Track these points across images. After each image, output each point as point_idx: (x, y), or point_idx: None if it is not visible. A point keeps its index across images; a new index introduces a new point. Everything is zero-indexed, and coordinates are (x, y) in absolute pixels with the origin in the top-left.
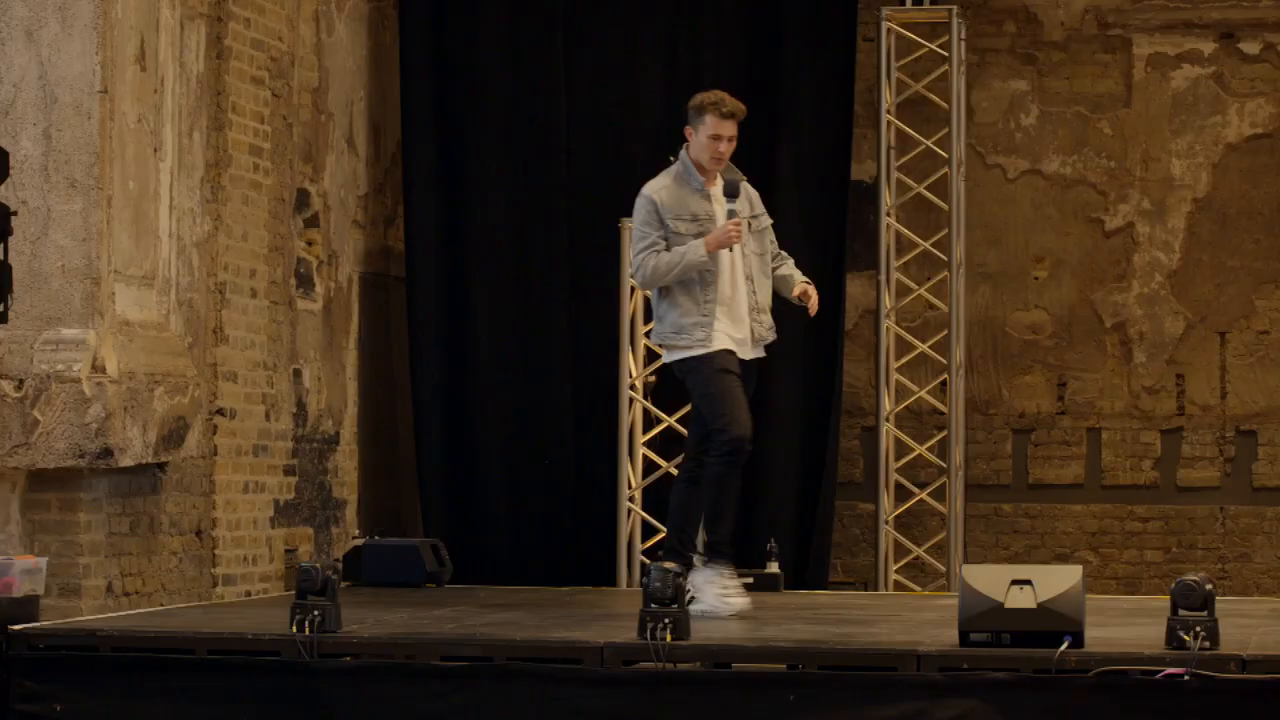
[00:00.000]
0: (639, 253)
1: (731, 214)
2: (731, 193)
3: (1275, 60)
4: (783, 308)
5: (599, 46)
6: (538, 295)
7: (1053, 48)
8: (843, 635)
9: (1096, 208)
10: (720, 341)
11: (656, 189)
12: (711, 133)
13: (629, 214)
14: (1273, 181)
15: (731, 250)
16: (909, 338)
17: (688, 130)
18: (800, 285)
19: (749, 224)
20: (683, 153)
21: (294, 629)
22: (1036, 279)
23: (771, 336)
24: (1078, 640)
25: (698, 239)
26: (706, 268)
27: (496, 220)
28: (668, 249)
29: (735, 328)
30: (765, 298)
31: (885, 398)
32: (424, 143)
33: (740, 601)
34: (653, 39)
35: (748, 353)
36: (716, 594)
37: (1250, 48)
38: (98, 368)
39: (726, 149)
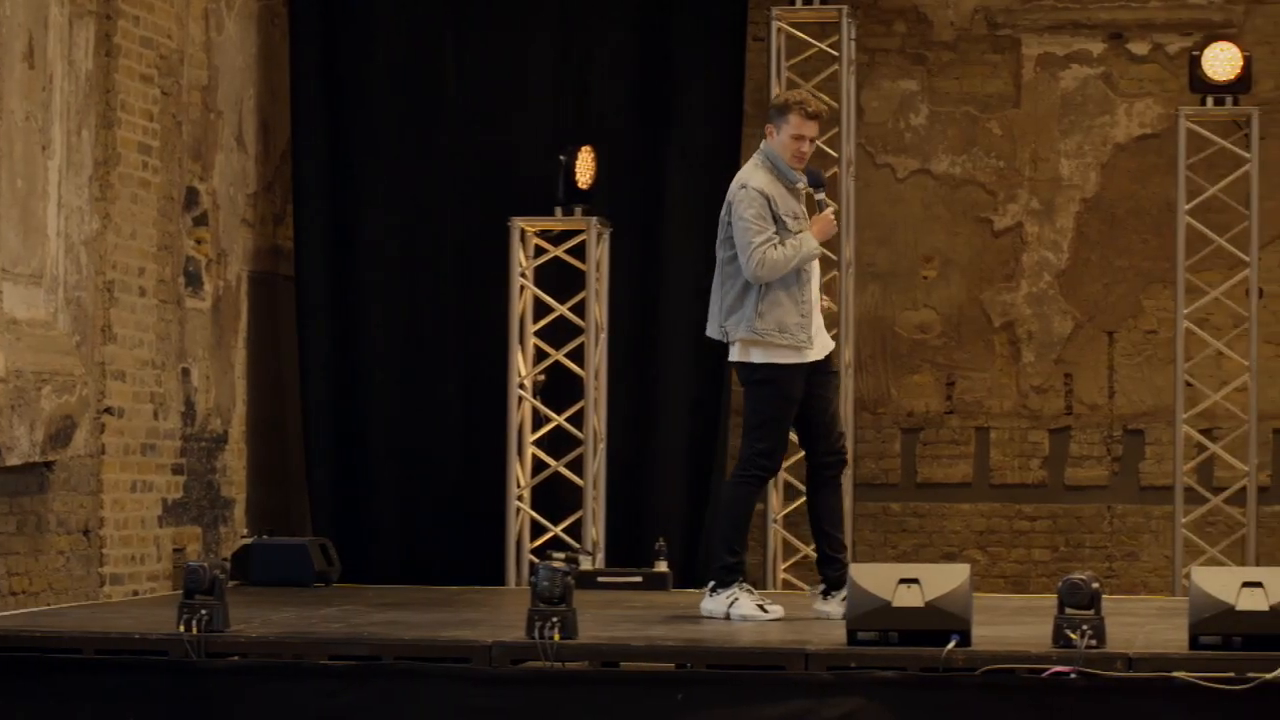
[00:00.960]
0: (758, 246)
1: (821, 205)
2: (818, 183)
3: (1163, 61)
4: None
5: (488, 46)
6: (427, 294)
7: (942, 48)
8: (731, 634)
9: (985, 207)
10: (814, 350)
11: (763, 184)
12: (795, 133)
13: (518, 212)
14: (1160, 182)
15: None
16: None
17: (769, 128)
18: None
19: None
20: (767, 148)
21: (181, 628)
22: (925, 278)
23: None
24: (965, 639)
25: (801, 233)
26: (811, 263)
27: (386, 219)
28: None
29: (819, 325)
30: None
31: None
32: (313, 141)
33: (778, 609)
34: (543, 38)
35: (828, 346)
36: (755, 603)
37: (1139, 48)
38: None
39: (808, 149)
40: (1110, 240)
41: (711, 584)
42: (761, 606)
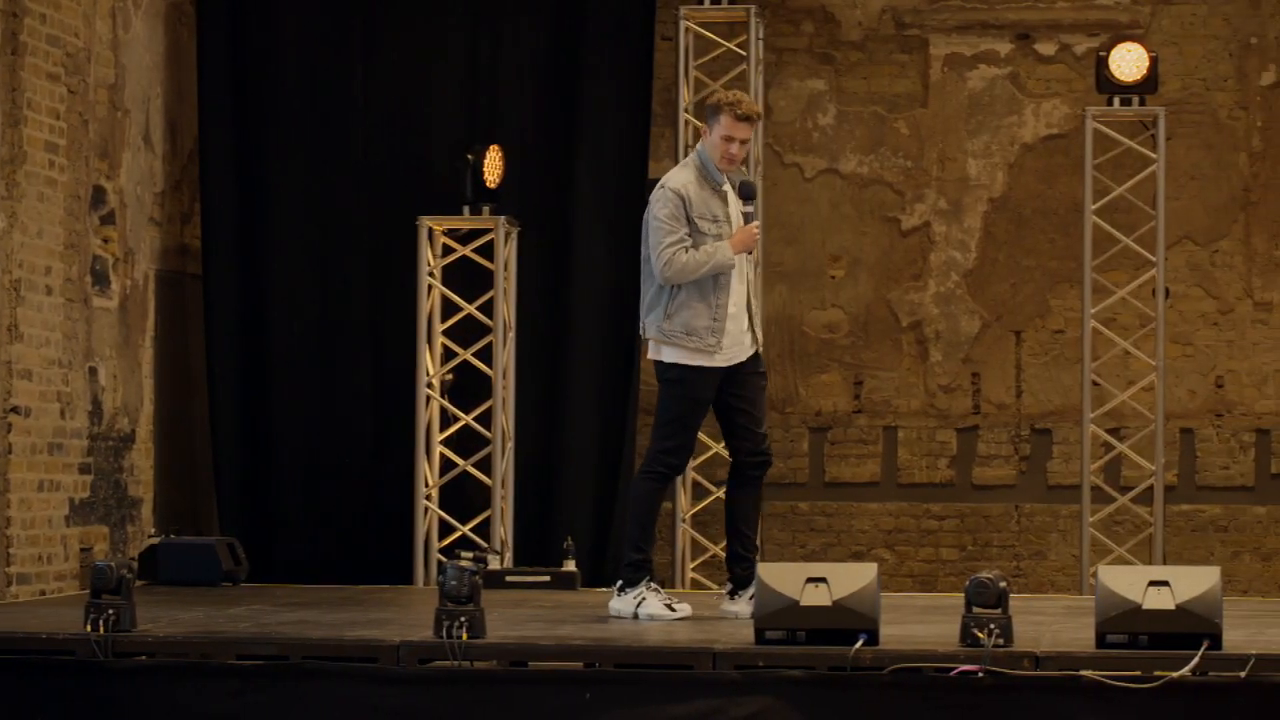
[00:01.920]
0: (667, 246)
1: (749, 216)
2: (748, 195)
3: (1070, 61)
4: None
5: (397, 44)
6: (336, 293)
7: (850, 47)
8: (639, 633)
9: (893, 207)
10: (723, 355)
11: (682, 184)
12: (725, 133)
13: (427, 211)
14: (1067, 181)
15: (745, 261)
16: None
17: (703, 128)
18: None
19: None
20: (700, 149)
21: (88, 628)
22: (833, 278)
23: (761, 337)
24: (872, 638)
25: (717, 240)
26: (729, 270)
27: (294, 217)
28: (693, 246)
29: (738, 332)
30: (756, 300)
31: None
32: (221, 140)
33: (685, 608)
34: (452, 38)
35: (747, 350)
36: (663, 602)
37: (1046, 49)
38: None
39: (739, 151)
40: (1017, 240)
41: (619, 583)
42: (669, 605)
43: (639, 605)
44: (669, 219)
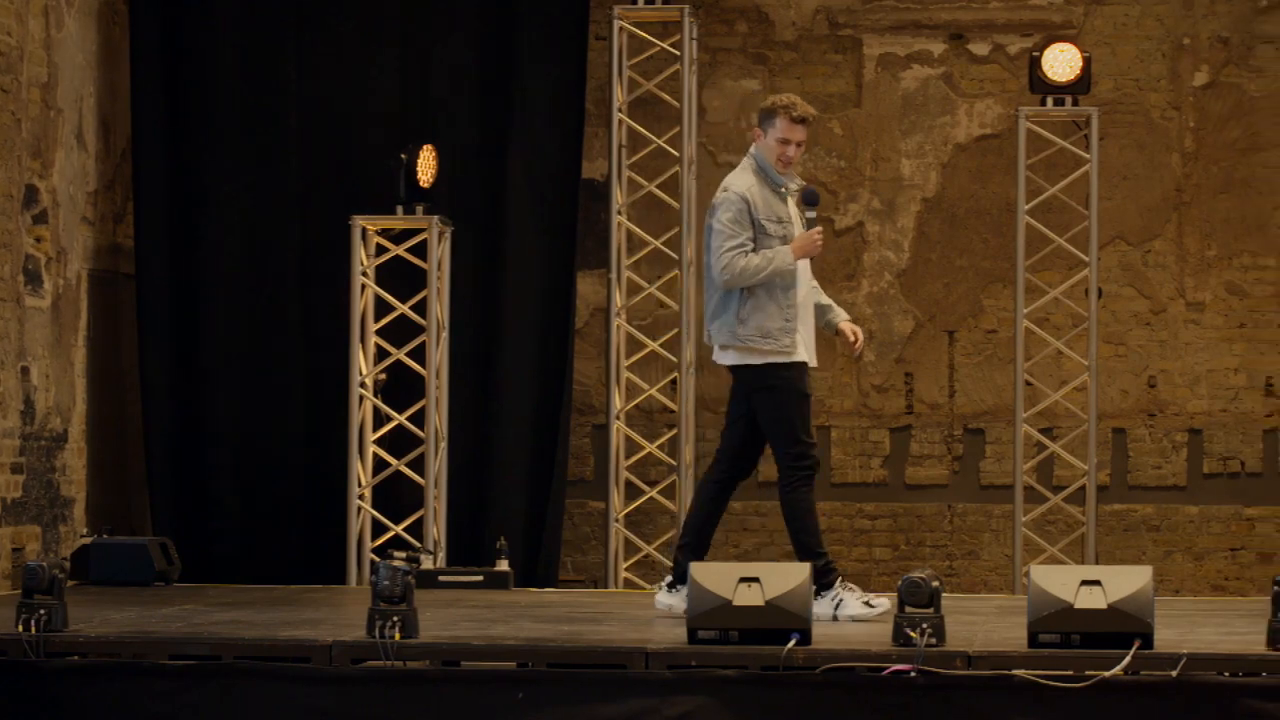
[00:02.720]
0: (728, 251)
1: (811, 222)
2: (812, 200)
3: (1004, 61)
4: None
5: (332, 43)
6: (269, 293)
7: (784, 47)
8: (572, 633)
9: (827, 207)
10: (801, 351)
11: (746, 187)
12: (781, 136)
13: (360, 210)
14: (1000, 181)
15: (806, 263)
16: (640, 336)
17: (755, 132)
18: (846, 325)
19: None
20: (756, 152)
21: (20, 628)
22: None
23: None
24: (805, 637)
25: (781, 243)
26: (790, 275)
27: (227, 217)
28: (754, 249)
29: (806, 334)
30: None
31: (616, 396)
32: (154, 139)
33: (884, 603)
34: (386, 37)
35: (814, 358)
36: (860, 600)
37: (979, 49)
38: None
39: (795, 154)
40: (951, 240)
41: (813, 587)
42: (868, 603)
43: (837, 607)
44: (732, 223)
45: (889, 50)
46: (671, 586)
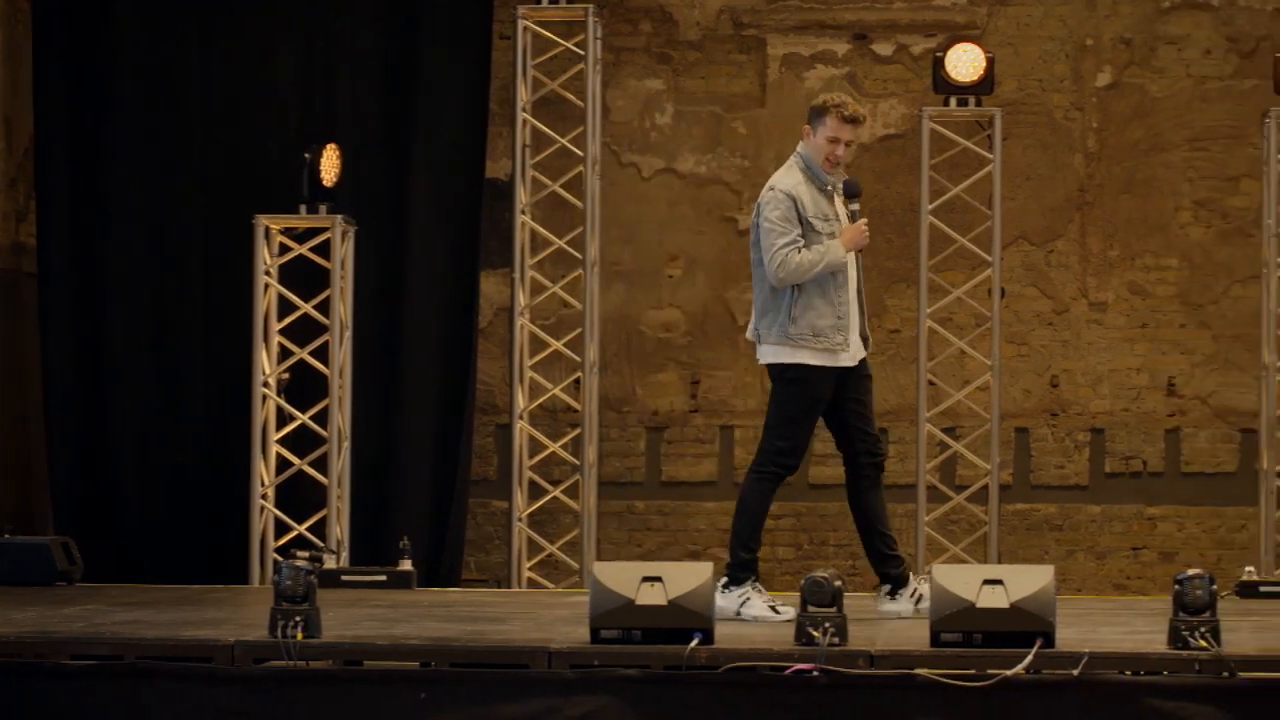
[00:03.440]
0: (781, 248)
1: (855, 215)
2: (854, 193)
3: (908, 62)
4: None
5: (235, 42)
6: (172, 291)
7: (688, 47)
8: (475, 633)
9: (730, 207)
10: (844, 355)
11: (792, 185)
12: (831, 135)
13: (264, 210)
14: (904, 181)
15: (856, 260)
16: (543, 335)
17: (805, 129)
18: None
19: None
20: (802, 150)
21: None
22: (670, 277)
23: (870, 336)
24: (708, 637)
25: (830, 239)
26: (840, 269)
27: (131, 215)
28: (806, 246)
29: (853, 332)
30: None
31: (519, 395)
32: (57, 138)
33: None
34: (289, 35)
35: (862, 352)
36: (767, 604)
37: (883, 49)
38: None
39: (843, 153)
40: None
41: (723, 580)
42: (773, 608)
43: (743, 604)
44: (781, 220)
45: (793, 50)
46: (893, 593)
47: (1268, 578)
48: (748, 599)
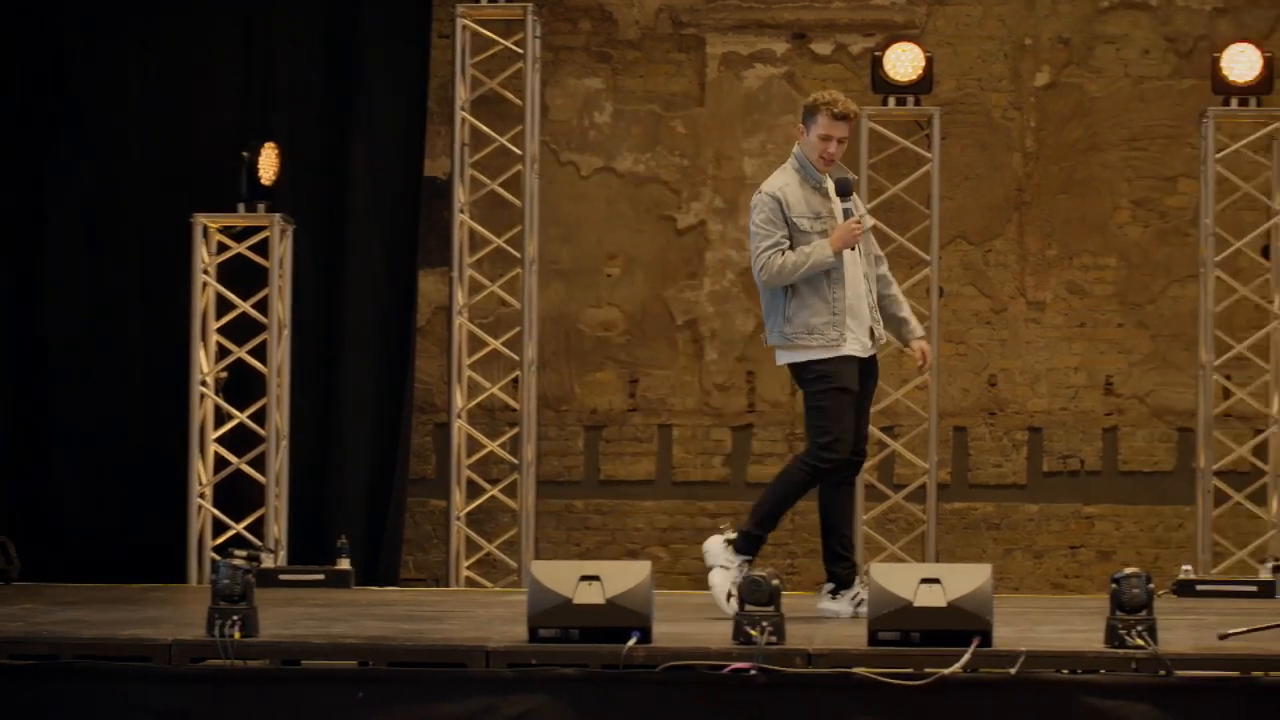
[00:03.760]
0: (763, 251)
1: (848, 213)
2: (844, 191)
3: (847, 61)
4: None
5: (172, 41)
6: (110, 289)
7: (627, 46)
8: (413, 632)
9: (669, 205)
10: (850, 345)
11: (778, 187)
12: (823, 133)
13: (201, 208)
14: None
15: (853, 249)
16: (481, 334)
17: (799, 129)
18: (918, 344)
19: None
20: (798, 150)
21: None
22: (609, 276)
23: (883, 335)
24: (645, 636)
25: (821, 238)
26: (833, 267)
27: (68, 213)
28: (791, 248)
29: (859, 327)
30: (875, 297)
31: (457, 394)
32: None
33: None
34: (228, 33)
35: (868, 350)
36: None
37: (822, 48)
38: None
39: (837, 150)
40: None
41: (729, 536)
42: (729, 594)
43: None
44: (764, 223)
45: (732, 49)
46: (835, 593)
47: (1205, 576)
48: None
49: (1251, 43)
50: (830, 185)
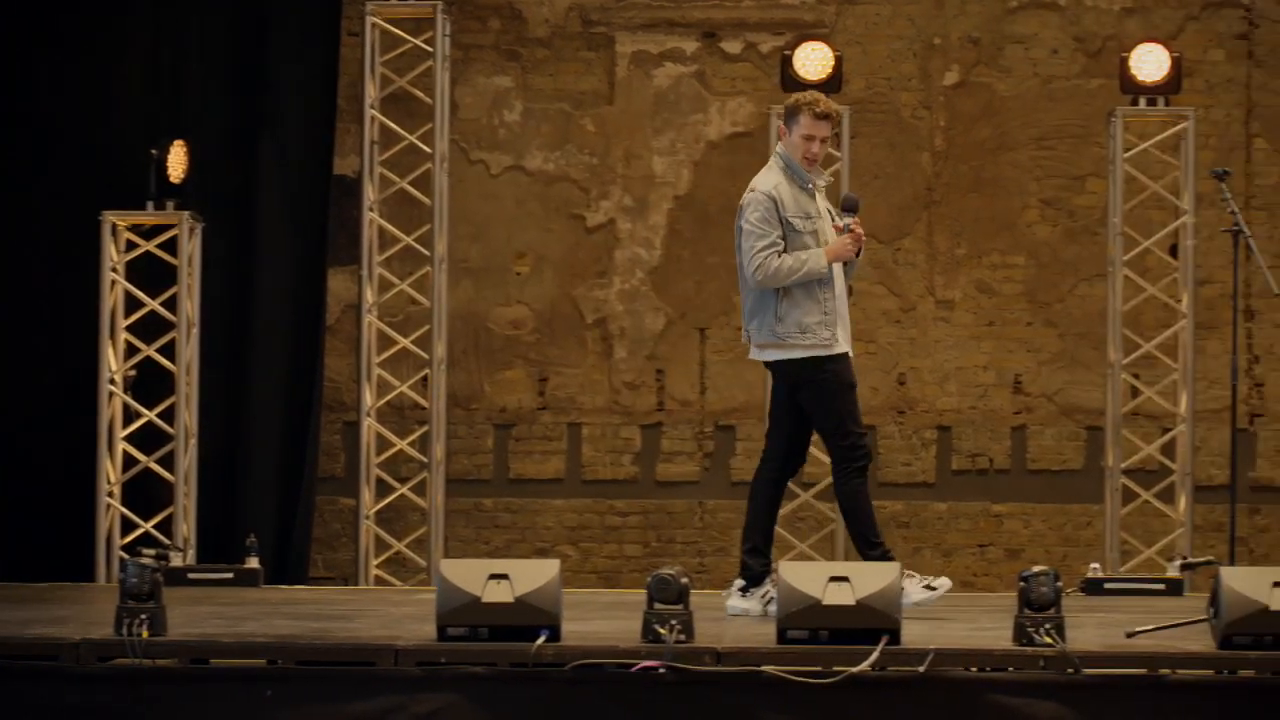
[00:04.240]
0: (759, 251)
1: (847, 228)
2: (851, 207)
3: (756, 60)
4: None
5: (82, 36)
6: (19, 288)
7: (537, 44)
8: (322, 630)
9: (579, 204)
10: (842, 343)
11: (772, 185)
12: (806, 133)
13: (110, 206)
14: (751, 179)
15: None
16: (391, 332)
17: (781, 129)
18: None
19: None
20: (781, 151)
21: None
22: (519, 274)
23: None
24: (554, 634)
25: (811, 238)
26: (821, 277)
27: None
28: (785, 248)
29: (844, 328)
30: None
31: (367, 392)
32: None
33: (945, 581)
34: (137, 31)
35: (850, 350)
36: (921, 584)
37: (732, 47)
38: None
39: (820, 150)
40: (702, 237)
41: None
42: (929, 585)
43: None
44: (760, 222)
45: (642, 48)
46: (745, 590)
47: (1113, 574)
48: (902, 590)
49: (1160, 42)
50: (819, 186)
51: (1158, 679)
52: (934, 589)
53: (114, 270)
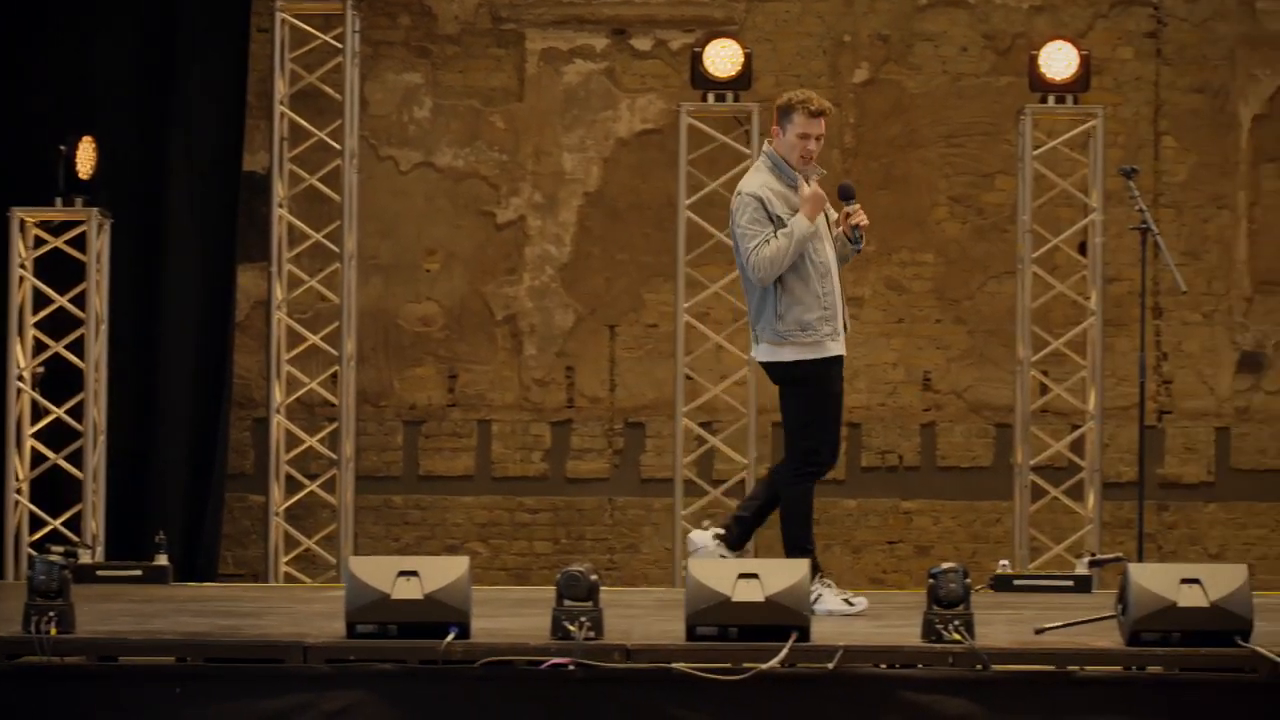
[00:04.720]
0: (753, 250)
1: (846, 217)
2: (847, 195)
3: (666, 57)
4: None
5: None
6: None
7: (447, 41)
8: (231, 627)
9: (488, 201)
10: (836, 344)
11: (759, 186)
12: (800, 132)
13: (20, 204)
14: (662, 176)
15: (832, 249)
16: (300, 329)
17: (774, 129)
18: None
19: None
20: (770, 150)
21: None
22: (428, 271)
23: (849, 325)
24: (464, 631)
25: (814, 240)
26: (820, 257)
27: None
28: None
29: (843, 321)
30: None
31: (276, 389)
32: None
33: (862, 601)
34: (47, 25)
35: (844, 345)
36: (840, 597)
37: (642, 44)
38: None
39: (815, 147)
40: (612, 234)
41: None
42: (847, 600)
43: (815, 601)
44: (750, 223)
45: (551, 45)
46: (719, 539)
47: (1022, 571)
48: (819, 595)
49: (1069, 40)
50: (807, 177)
51: (1066, 675)
52: (851, 605)
53: (22, 267)
